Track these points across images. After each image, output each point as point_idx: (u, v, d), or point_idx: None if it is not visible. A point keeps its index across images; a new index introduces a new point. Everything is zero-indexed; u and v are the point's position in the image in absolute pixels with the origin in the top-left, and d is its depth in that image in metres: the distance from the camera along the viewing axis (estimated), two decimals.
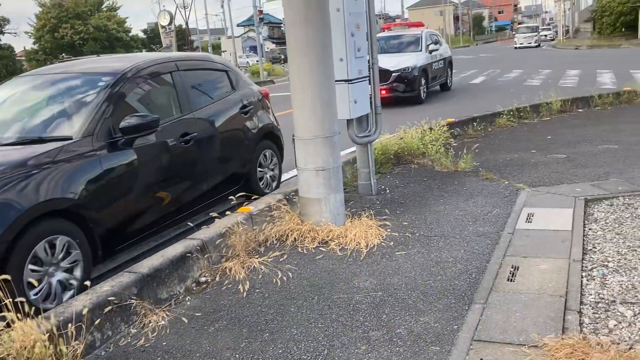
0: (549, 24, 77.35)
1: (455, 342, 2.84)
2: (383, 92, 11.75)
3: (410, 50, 14.08)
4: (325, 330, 3.08)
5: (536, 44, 44.80)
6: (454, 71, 16.95)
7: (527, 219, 4.54)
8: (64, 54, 45.64)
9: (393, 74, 12.76)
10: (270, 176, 6.04)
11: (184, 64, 5.15)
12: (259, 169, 5.81)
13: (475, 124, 8.69)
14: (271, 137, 6.10)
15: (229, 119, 5.44)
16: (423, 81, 13.39)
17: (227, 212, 4.49)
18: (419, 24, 17.52)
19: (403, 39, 14.65)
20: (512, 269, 3.62)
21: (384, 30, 16.86)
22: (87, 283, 3.33)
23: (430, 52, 13.99)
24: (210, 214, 4.48)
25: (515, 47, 43.92)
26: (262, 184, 5.87)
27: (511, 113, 9.20)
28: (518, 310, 3.08)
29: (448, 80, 15.86)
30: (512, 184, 5.57)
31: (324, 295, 3.49)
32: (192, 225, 4.53)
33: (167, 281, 3.62)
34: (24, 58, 51.09)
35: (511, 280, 3.47)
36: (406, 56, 13.50)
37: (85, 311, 2.94)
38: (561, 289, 3.29)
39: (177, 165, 4.67)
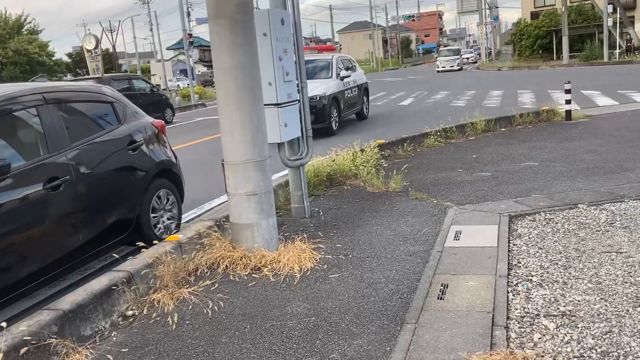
0: (472, 46, 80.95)
1: None
2: None
3: (320, 77, 12.76)
4: None
5: (459, 67, 44.58)
6: (382, 93, 17.06)
7: (455, 237, 4.66)
8: None
9: None
10: (167, 218, 5.42)
11: (55, 96, 4.44)
12: (152, 212, 5.19)
13: (405, 144, 8.90)
14: (168, 175, 5.48)
15: (112, 157, 4.80)
16: (334, 111, 12.26)
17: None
18: (330, 48, 16.53)
19: (312, 64, 13.18)
20: (442, 287, 3.69)
21: None
22: (3, 324, 3.11)
23: (342, 78, 12.82)
24: (137, 243, 4.33)
25: (438, 71, 43.49)
26: (158, 229, 5.25)
27: (439, 134, 9.49)
28: (448, 329, 3.13)
29: (364, 108, 14.68)
30: (440, 203, 5.71)
31: (256, 324, 3.42)
32: (117, 256, 4.34)
33: (91, 316, 3.45)
34: None
35: (441, 299, 3.53)
36: (315, 83, 11.95)
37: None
38: (488, 305, 3.38)
39: (41, 217, 4.00)
